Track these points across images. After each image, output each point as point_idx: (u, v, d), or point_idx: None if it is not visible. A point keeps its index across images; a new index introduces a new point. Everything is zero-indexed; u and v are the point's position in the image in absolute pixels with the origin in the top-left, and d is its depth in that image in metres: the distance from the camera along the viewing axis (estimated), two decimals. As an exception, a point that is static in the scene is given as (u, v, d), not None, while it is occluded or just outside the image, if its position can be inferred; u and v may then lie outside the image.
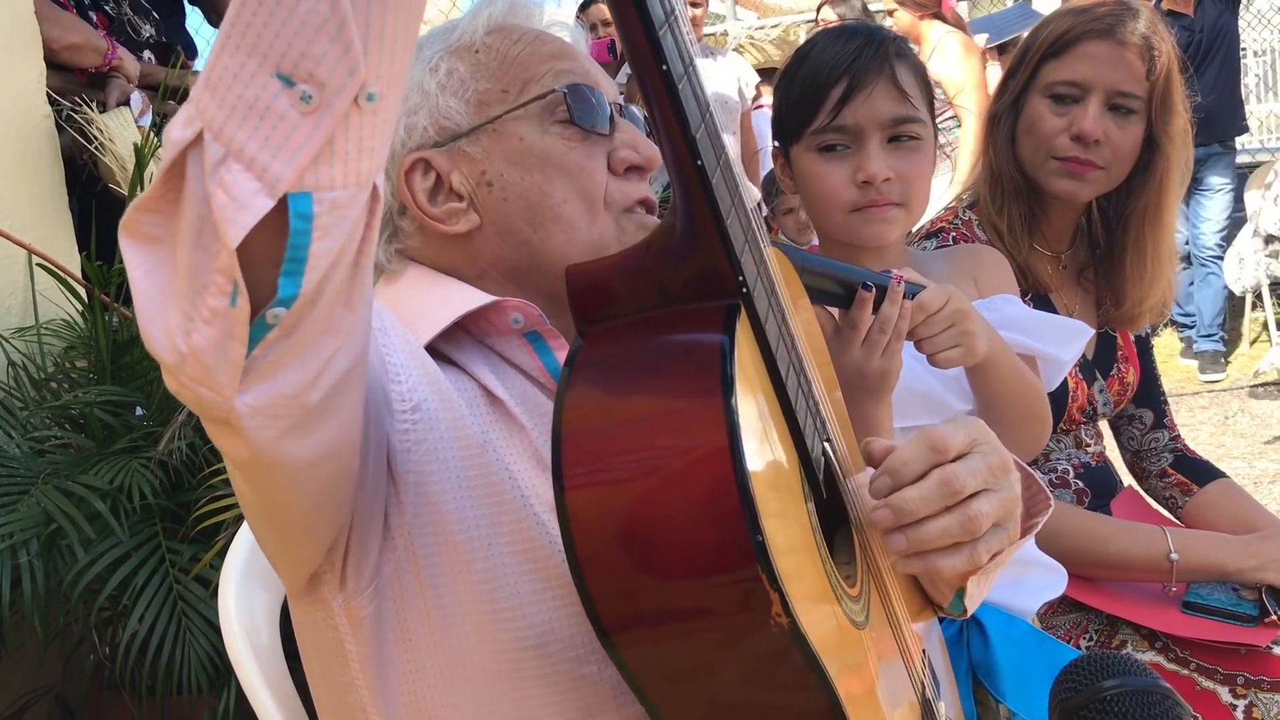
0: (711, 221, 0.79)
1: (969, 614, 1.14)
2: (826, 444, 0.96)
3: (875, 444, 0.98)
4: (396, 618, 0.98)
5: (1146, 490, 2.19)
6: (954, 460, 0.92)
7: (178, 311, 0.71)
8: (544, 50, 1.12)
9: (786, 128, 1.60)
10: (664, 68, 0.71)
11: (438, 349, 1.06)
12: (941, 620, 1.32)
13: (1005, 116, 1.94)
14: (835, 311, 1.30)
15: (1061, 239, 1.99)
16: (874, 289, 1.26)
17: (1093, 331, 1.74)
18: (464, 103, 1.10)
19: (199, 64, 4.95)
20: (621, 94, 1.19)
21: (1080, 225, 2.02)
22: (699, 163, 0.76)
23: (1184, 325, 6.50)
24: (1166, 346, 6.55)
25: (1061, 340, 1.65)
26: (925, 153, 1.55)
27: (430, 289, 1.11)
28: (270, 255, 0.70)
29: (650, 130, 0.79)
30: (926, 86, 1.57)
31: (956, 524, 0.91)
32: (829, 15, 5.16)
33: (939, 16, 4.94)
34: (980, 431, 0.96)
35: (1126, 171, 1.89)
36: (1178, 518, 2.12)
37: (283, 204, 0.68)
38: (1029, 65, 1.91)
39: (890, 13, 5.07)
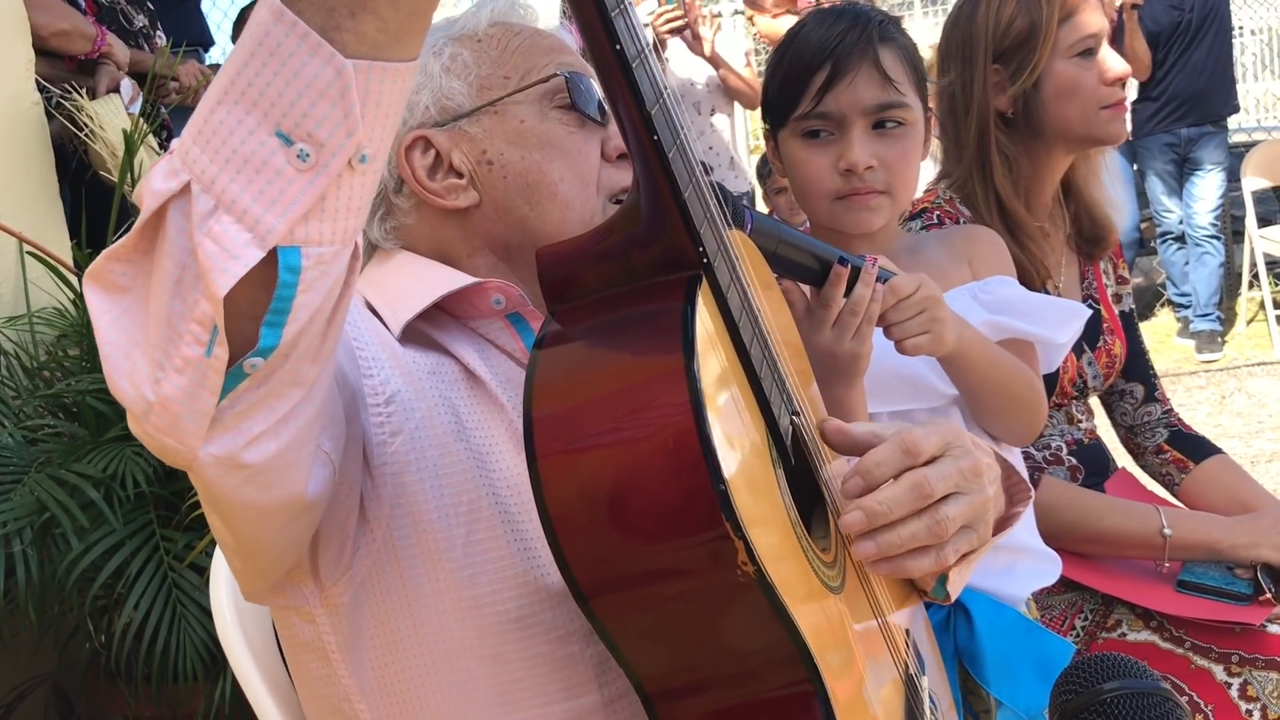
0: (670, 195, 0.81)
1: (952, 599, 1.14)
2: (794, 418, 0.97)
3: (829, 424, 0.99)
4: (375, 606, 0.98)
5: (1143, 467, 2.18)
6: (926, 464, 0.93)
7: (145, 360, 0.73)
8: (543, 44, 1.17)
9: (774, 112, 1.59)
10: (618, 48, 0.75)
11: (422, 331, 1.07)
12: (928, 606, 1.32)
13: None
14: (808, 290, 1.30)
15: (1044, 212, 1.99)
16: (849, 266, 1.26)
17: (1090, 311, 1.73)
18: (467, 85, 1.13)
19: (210, 55, 4.90)
20: None
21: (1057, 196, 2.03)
22: (655, 137, 0.78)
23: (1180, 305, 6.48)
24: (1163, 326, 6.55)
25: (1058, 322, 1.64)
26: (912, 138, 1.54)
27: (415, 272, 1.12)
28: (250, 309, 0.71)
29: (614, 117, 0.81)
30: (916, 70, 1.56)
31: (924, 528, 0.92)
32: None
33: (795, 14, 4.90)
34: (954, 434, 0.97)
35: None
36: (1174, 495, 2.11)
37: (271, 257, 0.70)
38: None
39: (750, 19, 5.02)
